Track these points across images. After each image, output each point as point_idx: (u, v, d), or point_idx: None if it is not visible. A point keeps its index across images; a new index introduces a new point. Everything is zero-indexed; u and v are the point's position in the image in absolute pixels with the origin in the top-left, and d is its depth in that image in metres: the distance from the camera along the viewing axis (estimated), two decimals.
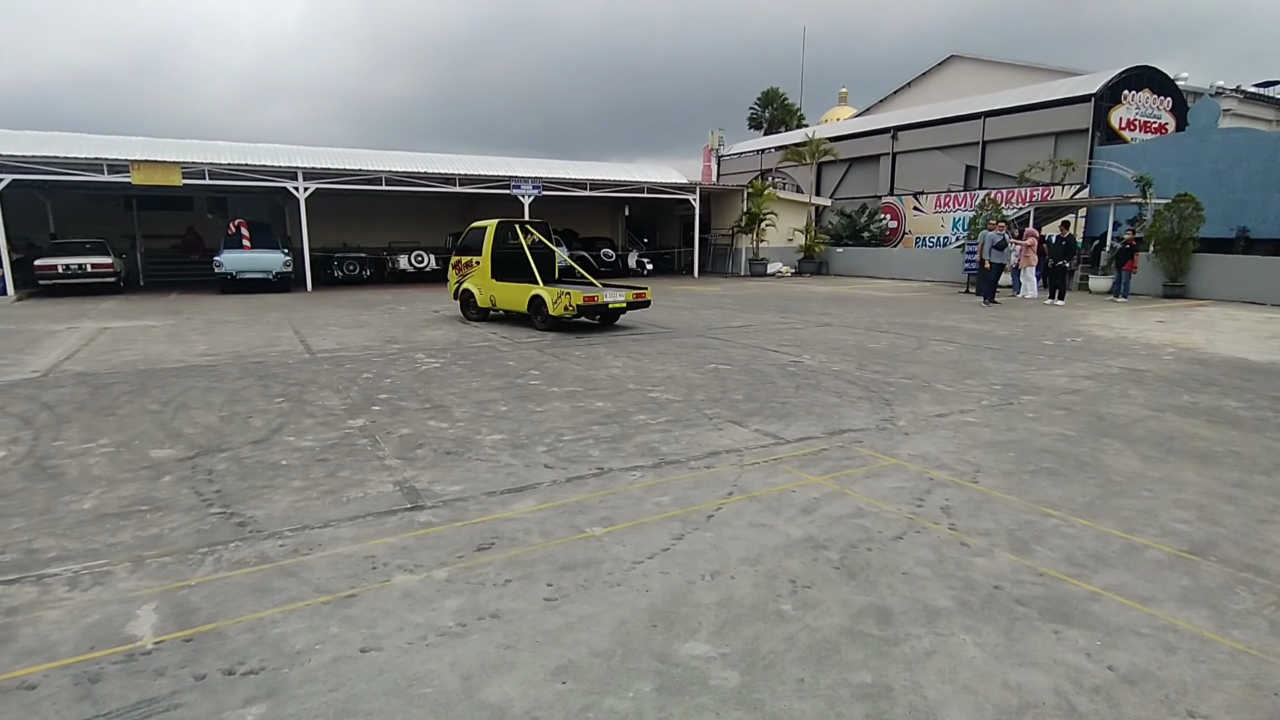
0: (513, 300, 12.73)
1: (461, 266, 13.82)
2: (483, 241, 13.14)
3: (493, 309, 13.34)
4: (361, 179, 22.00)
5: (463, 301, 13.83)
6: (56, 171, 18.52)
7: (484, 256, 13.11)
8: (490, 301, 13.23)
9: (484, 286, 13.21)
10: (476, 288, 13.34)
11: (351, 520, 4.22)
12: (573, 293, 11.71)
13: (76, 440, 5.82)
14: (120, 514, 4.32)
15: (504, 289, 12.92)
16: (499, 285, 12.97)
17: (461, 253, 13.85)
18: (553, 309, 11.60)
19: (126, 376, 8.34)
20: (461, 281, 13.78)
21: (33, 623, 3.12)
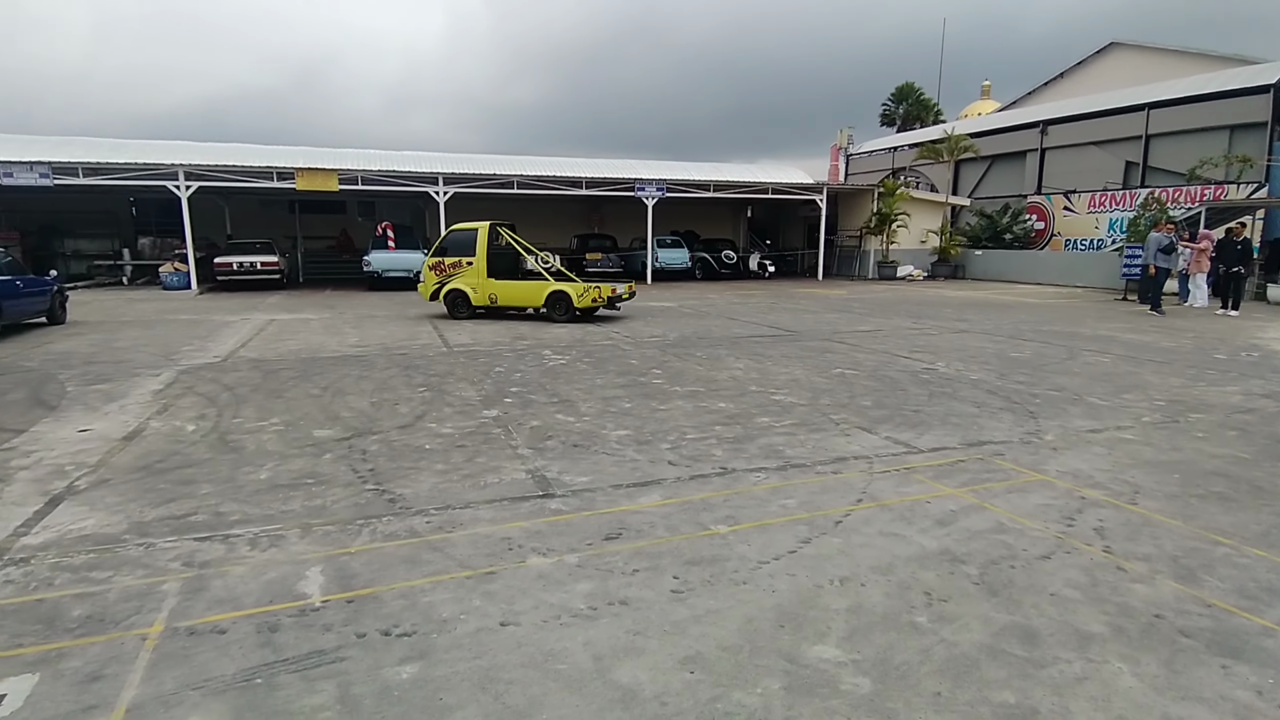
0: (521, 296, 14.01)
1: (444, 268, 14.33)
2: (472, 244, 14.00)
3: (491, 306, 14.13)
4: (495, 183, 23.11)
5: (451, 301, 14.22)
6: (234, 179, 20.71)
7: (479, 258, 13.95)
8: (490, 299, 14.03)
9: (480, 285, 13.99)
10: (470, 287, 14.05)
11: (489, 503, 4.47)
12: (602, 286, 13.63)
13: (252, 418, 6.50)
14: (290, 485, 4.79)
15: (508, 286, 14.07)
16: (499, 283, 14.04)
17: (441, 254, 14.43)
18: (578, 302, 13.19)
19: (291, 363, 9.21)
20: (445, 282, 14.25)
21: (221, 576, 3.53)
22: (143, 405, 6.97)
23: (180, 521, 4.18)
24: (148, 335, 11.83)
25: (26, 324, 12.69)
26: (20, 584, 3.44)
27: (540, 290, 13.66)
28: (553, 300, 13.44)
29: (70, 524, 4.13)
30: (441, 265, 14.34)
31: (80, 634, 3.01)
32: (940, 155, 29.48)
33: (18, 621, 3.10)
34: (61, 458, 5.35)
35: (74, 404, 7.03)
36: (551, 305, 13.45)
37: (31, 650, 2.89)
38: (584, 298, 13.18)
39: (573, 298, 13.22)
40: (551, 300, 13.44)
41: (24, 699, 2.59)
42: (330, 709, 2.53)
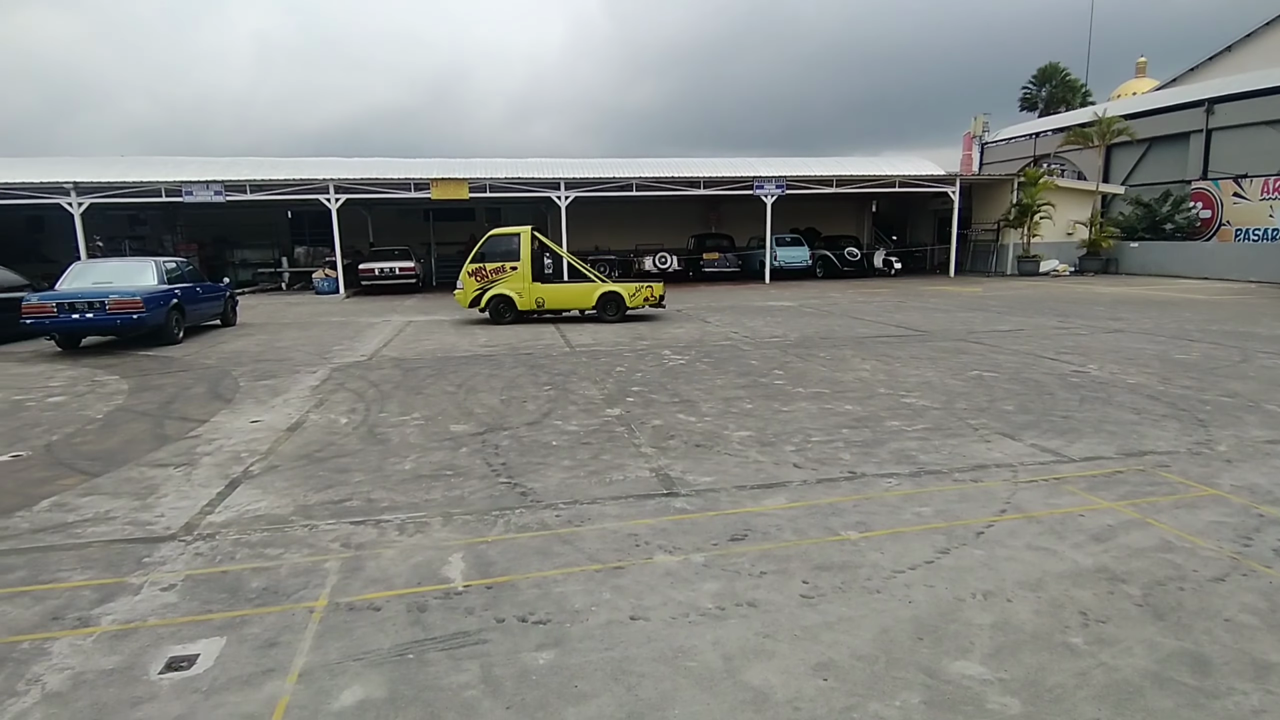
0: (571, 299, 14.31)
1: (485, 274, 14.22)
2: (515, 249, 14.05)
3: (537, 311, 14.24)
4: (614, 186, 23.55)
5: (494, 308, 14.10)
6: (376, 190, 22.31)
7: (523, 263, 14.05)
8: (537, 303, 14.16)
9: (525, 290, 14.09)
10: (515, 292, 14.08)
11: (615, 500, 4.56)
12: (655, 286, 14.26)
13: (396, 413, 6.98)
14: (431, 476, 5.10)
15: (556, 290, 14.46)
16: (545, 287, 14.33)
17: (480, 260, 14.29)
18: (631, 302, 13.93)
19: (428, 362, 9.80)
20: (487, 288, 14.15)
21: (375, 558, 3.82)
22: (303, 399, 7.64)
23: (338, 506, 4.55)
24: (304, 336, 12.95)
25: (204, 325, 14.22)
26: (208, 557, 3.87)
27: (591, 292, 14.14)
28: (605, 301, 14.00)
29: (247, 505, 4.60)
30: (483, 271, 14.27)
31: (258, 604, 3.35)
32: (1089, 140, 27.17)
33: (208, 590, 3.49)
34: (237, 445, 5.97)
35: (246, 398, 7.81)
36: (603, 306, 14.01)
37: (219, 616, 3.25)
38: (635, 297, 13.96)
39: (625, 298, 13.93)
40: (604, 301, 14.00)
41: (214, 659, 2.91)
42: (475, 687, 2.67)
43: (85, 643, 3.05)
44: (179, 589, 3.51)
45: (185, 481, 5.09)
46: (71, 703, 2.65)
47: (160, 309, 11.86)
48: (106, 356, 11.06)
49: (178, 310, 12.40)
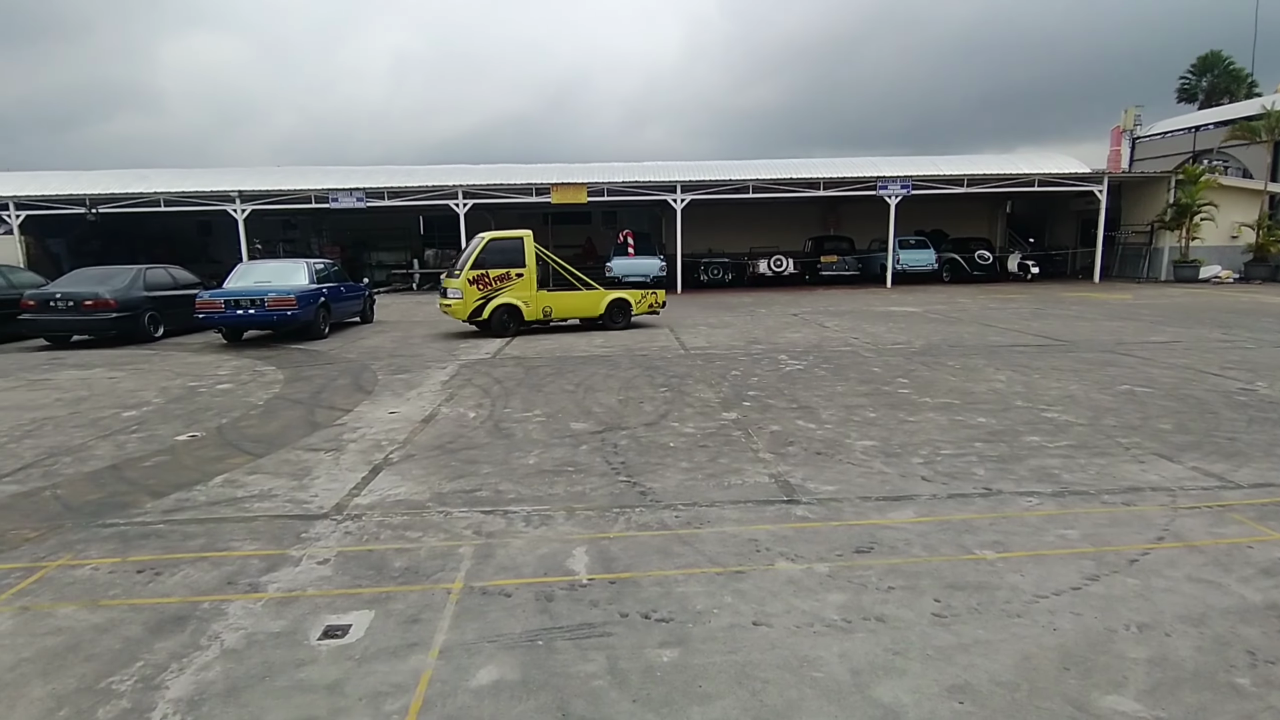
0: (579, 307, 13.84)
1: (489, 282, 12.97)
2: (516, 254, 13.09)
3: (545, 320, 13.53)
4: (730, 188, 23.44)
5: (499, 319, 12.98)
6: (501, 195, 23.31)
7: (529, 270, 13.17)
8: (544, 313, 13.47)
9: (532, 299, 13.29)
10: (521, 301, 13.18)
11: (733, 504, 4.55)
12: (659, 293, 14.26)
13: (519, 409, 7.27)
14: (554, 471, 5.28)
15: (564, 298, 13.83)
16: (553, 295, 13.74)
17: (481, 267, 12.93)
18: (638, 308, 13.83)
19: (548, 361, 10.14)
20: (491, 298, 12.98)
21: (504, 546, 4.00)
22: (434, 393, 8.11)
23: (469, 495, 4.80)
24: (434, 333, 13.72)
25: (346, 322, 15.36)
26: (356, 535, 4.19)
27: (600, 299, 13.84)
28: (614, 309, 13.78)
29: (388, 490, 4.94)
30: (485, 279, 12.92)
31: (401, 582, 3.59)
32: (1256, 135, 24.40)
33: (357, 566, 3.78)
34: (378, 434, 6.41)
35: (384, 390, 8.38)
36: (612, 314, 13.76)
37: (368, 591, 3.51)
38: (642, 304, 13.96)
39: (632, 304, 13.85)
40: (612, 309, 13.77)
41: (364, 630, 3.15)
42: (601, 678, 2.75)
43: (255, 607, 3.38)
44: (332, 564, 3.82)
45: (334, 465, 5.53)
46: (245, 659, 2.95)
47: (310, 306, 12.94)
48: (264, 349, 12.17)
49: (325, 308, 13.47)
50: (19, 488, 5.19)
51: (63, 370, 10.40)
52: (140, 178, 23.95)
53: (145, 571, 3.78)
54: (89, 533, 4.33)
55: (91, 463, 5.75)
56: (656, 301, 14.09)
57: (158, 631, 3.18)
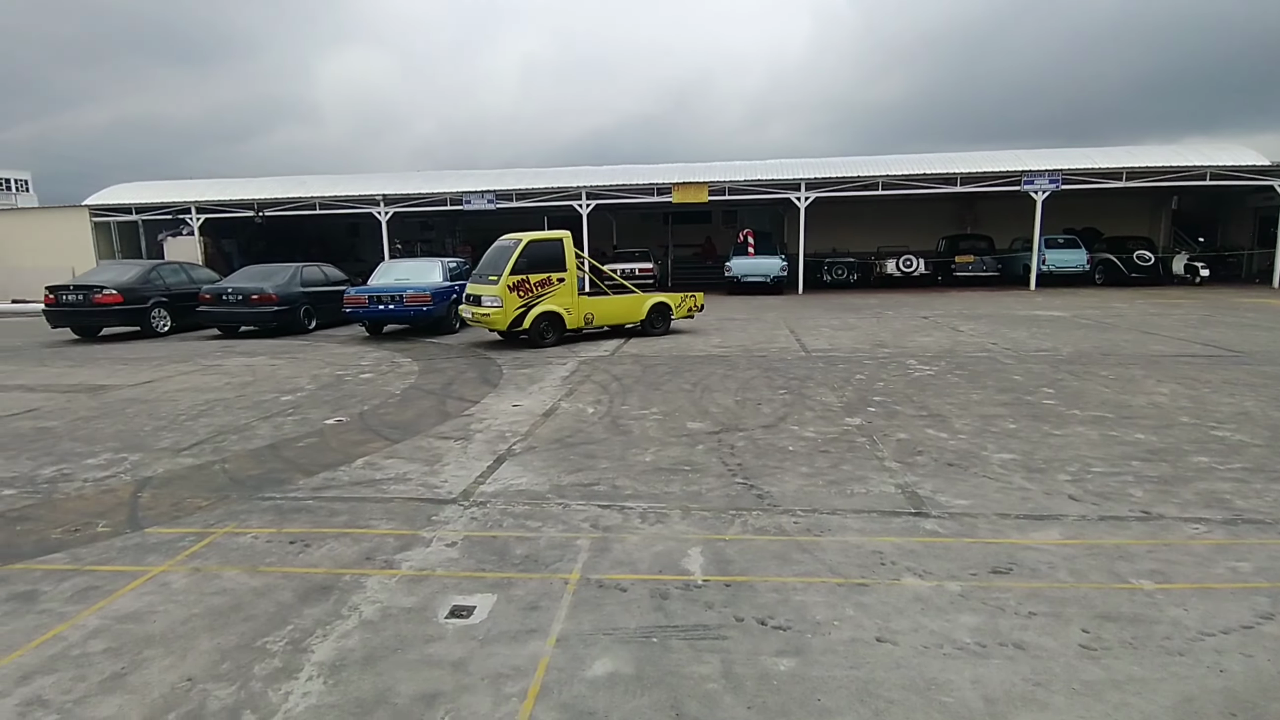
0: (621, 313, 13.02)
1: (529, 288, 11.74)
2: (560, 258, 12.02)
3: (587, 327, 12.57)
4: (858, 185, 22.63)
5: (536, 329, 11.81)
6: (623, 196, 23.67)
7: (570, 274, 12.07)
8: (586, 319, 12.43)
9: (574, 306, 12.23)
10: (563, 308, 12.04)
11: (856, 513, 4.37)
12: (697, 295, 13.61)
13: (636, 406, 7.33)
14: (670, 470, 5.28)
15: (605, 303, 12.87)
16: (595, 301, 12.73)
17: (523, 272, 11.63)
18: (678, 312, 13.30)
19: (665, 360, 10.18)
20: (532, 305, 11.77)
21: (620, 541, 4.04)
22: (555, 388, 8.34)
23: (587, 489, 4.89)
24: None
25: None
26: (481, 521, 4.37)
27: (641, 304, 13.14)
28: (654, 314, 13.16)
29: (511, 480, 5.12)
30: (526, 285, 11.71)
31: (522, 569, 3.70)
32: None
33: (482, 551, 3.94)
34: (503, 426, 6.67)
35: (508, 384, 8.72)
36: (652, 319, 13.13)
37: (491, 575, 3.65)
38: (681, 307, 13.41)
39: (673, 308, 13.32)
40: (653, 314, 13.14)
41: (487, 613, 3.27)
42: (716, 681, 2.71)
43: (390, 582, 3.60)
44: (459, 547, 4.00)
45: (462, 454, 5.80)
46: (381, 631, 3.14)
47: (443, 303, 13.69)
48: (401, 341, 13.00)
49: (456, 304, 14.20)
50: (194, 460, 5.80)
51: (232, 357, 11.55)
52: (299, 183, 26.24)
53: (296, 543, 4.12)
54: (250, 505, 4.77)
55: (254, 441, 6.34)
56: (695, 304, 13.64)
57: (306, 599, 3.45)
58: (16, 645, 3.11)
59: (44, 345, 13.71)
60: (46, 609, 3.42)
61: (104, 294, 14.08)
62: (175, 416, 7.35)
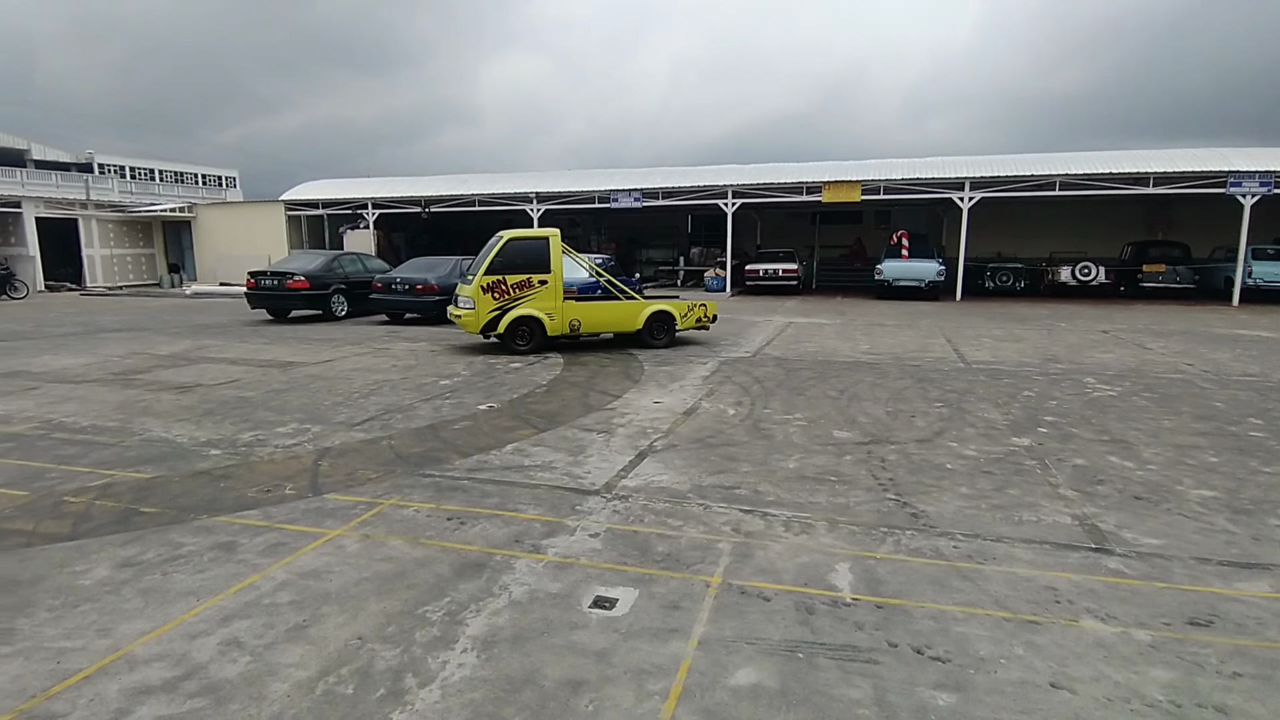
0: (613, 320, 11.72)
1: (506, 289, 11.14)
2: (545, 258, 11.18)
3: (571, 335, 11.48)
4: (1031, 184, 20.90)
5: (512, 332, 11.21)
6: (769, 195, 23.27)
7: (554, 276, 11.20)
8: (571, 326, 11.37)
9: (557, 310, 11.26)
10: (544, 312, 11.18)
11: (1025, 543, 4.01)
12: (708, 304, 12.02)
13: (779, 411, 7.16)
14: (815, 479, 5.10)
15: (595, 309, 11.70)
16: (582, 305, 11.65)
17: (497, 272, 11.09)
18: (682, 323, 11.77)
19: (809, 364, 9.88)
20: (510, 307, 11.15)
21: (763, 548, 3.94)
22: (695, 387, 8.33)
23: (728, 492, 4.82)
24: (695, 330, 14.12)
25: None
26: (623, 515, 4.42)
27: (638, 311, 11.71)
28: (653, 322, 11.68)
29: (652, 476, 5.15)
30: (502, 286, 11.16)
31: (663, 567, 3.70)
32: None
33: (624, 544, 3.98)
34: (644, 422, 6.74)
35: (649, 381, 8.80)
36: (651, 328, 11.69)
37: (632, 569, 3.67)
38: (688, 318, 11.86)
39: (676, 318, 11.76)
40: (652, 322, 11.67)
41: (629, 607, 3.29)
42: (867, 707, 2.56)
43: (537, 567, 3.72)
44: (602, 538, 4.07)
45: (605, 447, 5.92)
46: (528, 613, 3.24)
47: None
48: None
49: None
50: (365, 435, 6.31)
51: (398, 342, 12.50)
52: (460, 182, 27.97)
53: (453, 520, 4.36)
54: (413, 480, 5.12)
55: (416, 421, 6.81)
56: (706, 315, 12.05)
57: (461, 574, 3.64)
58: (218, 590, 3.50)
59: (244, 324, 15.49)
60: (243, 559, 3.83)
61: (294, 280, 15.71)
62: (349, 394, 8.04)
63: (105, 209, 28.65)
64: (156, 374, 9.29)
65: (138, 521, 4.36)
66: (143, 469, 5.37)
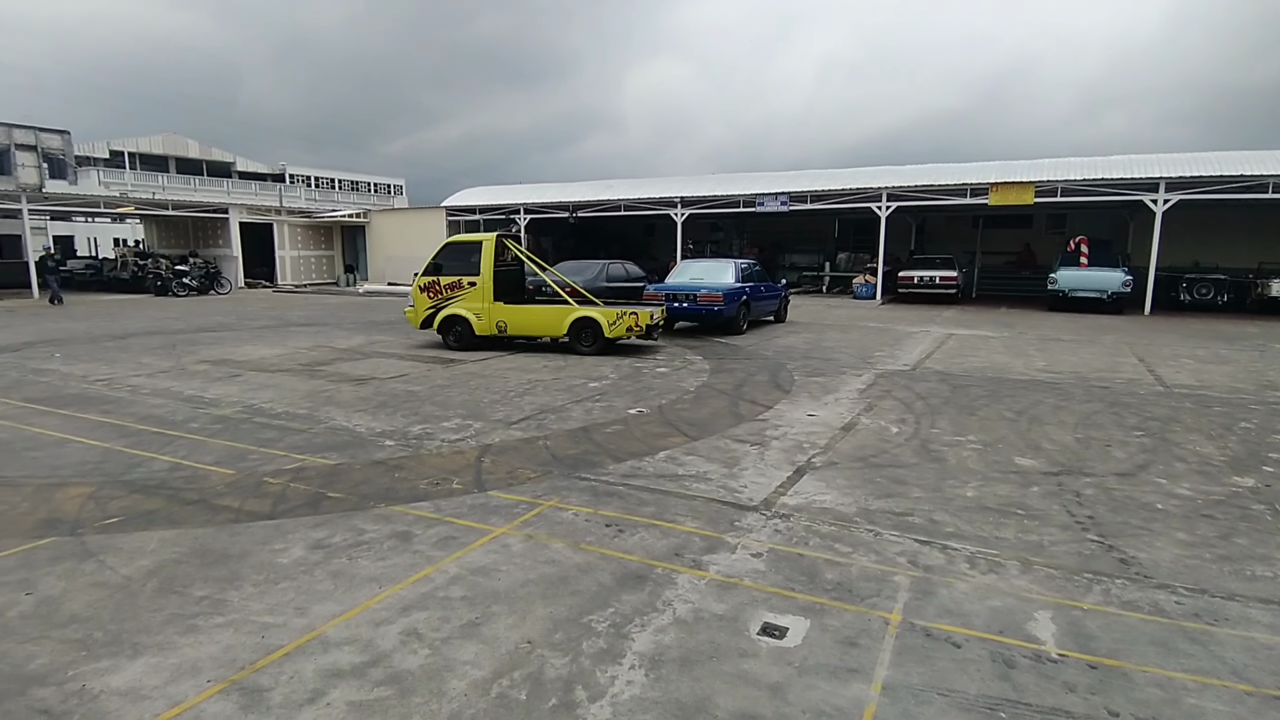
0: (537, 324, 11.83)
1: (439, 290, 12.08)
2: (476, 261, 11.79)
3: (500, 335, 11.93)
4: (1239, 186, 18.36)
5: (446, 329, 12.06)
6: (929, 197, 21.95)
7: (484, 278, 11.77)
8: (498, 327, 11.86)
9: (485, 311, 11.83)
10: (472, 312, 11.85)
11: (1263, 603, 3.41)
12: (640, 312, 11.41)
13: (948, 431, 6.64)
14: (999, 511, 4.64)
15: (520, 312, 11.91)
16: (509, 308, 11.90)
17: (434, 273, 12.09)
18: (609, 331, 11.19)
19: (978, 381, 9.14)
20: (441, 306, 12.04)
21: (946, 586, 3.60)
22: (852, 401, 7.92)
23: (899, 519, 4.49)
24: (845, 339, 13.56)
25: (762, 320, 16.13)
26: (786, 536, 4.22)
27: (563, 316, 11.59)
28: (578, 328, 11.51)
29: (813, 495, 4.90)
30: (436, 286, 12.11)
31: (834, 597, 3.47)
32: None
33: (789, 568, 3.79)
34: (799, 435, 6.47)
35: (801, 391, 8.48)
36: (577, 334, 11.56)
37: (801, 597, 3.47)
38: (616, 325, 11.23)
39: (603, 325, 11.26)
40: (576, 328, 11.51)
41: (801, 638, 3.10)
42: None
43: (700, 584, 3.60)
44: (765, 559, 3.89)
45: (759, 460, 5.72)
46: (695, 633, 3.13)
47: (734, 304, 13.87)
48: (691, 339, 13.44)
49: (746, 306, 14.32)
50: (522, 434, 6.50)
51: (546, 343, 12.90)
52: (606, 187, 28.62)
53: (611, 526, 4.35)
54: (570, 482, 5.18)
55: (569, 422, 6.93)
56: (636, 324, 11.33)
57: (623, 584, 3.59)
58: (397, 579, 3.67)
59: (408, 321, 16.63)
60: (418, 550, 4.01)
61: None
62: (505, 392, 8.35)
63: (294, 215, 31.94)
64: (337, 366, 10.13)
65: (326, 505, 4.69)
66: (328, 455, 5.81)
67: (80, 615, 3.30)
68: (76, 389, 8.51)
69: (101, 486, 5.04)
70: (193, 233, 30.73)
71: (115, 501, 4.75)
